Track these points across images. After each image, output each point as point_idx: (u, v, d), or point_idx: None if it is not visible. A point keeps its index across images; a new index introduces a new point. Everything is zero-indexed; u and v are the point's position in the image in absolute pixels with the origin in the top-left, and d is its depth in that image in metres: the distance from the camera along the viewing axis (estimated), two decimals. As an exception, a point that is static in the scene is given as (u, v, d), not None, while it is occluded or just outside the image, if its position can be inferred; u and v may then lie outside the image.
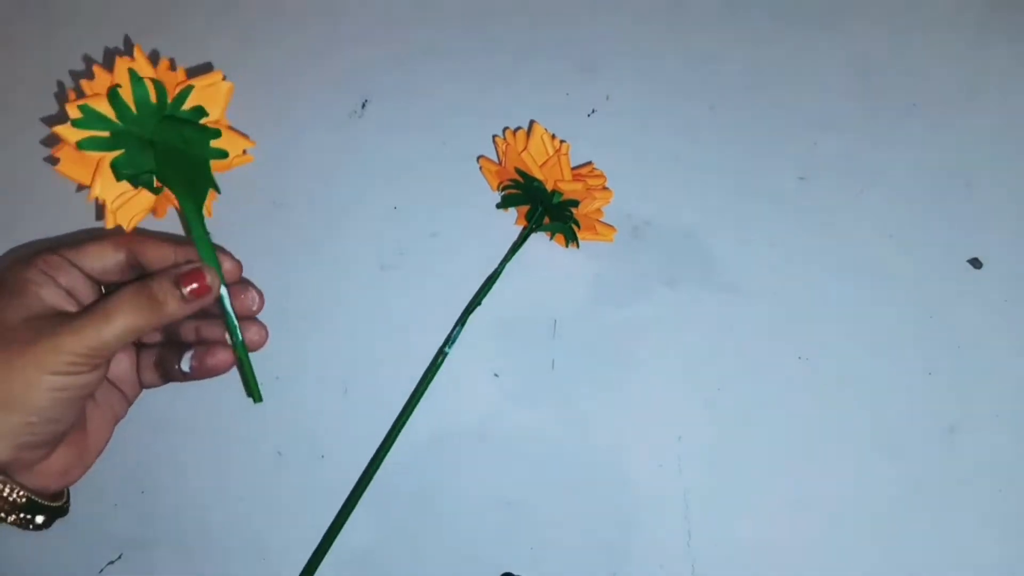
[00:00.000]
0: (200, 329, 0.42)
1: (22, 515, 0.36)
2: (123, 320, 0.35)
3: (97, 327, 0.35)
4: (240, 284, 0.42)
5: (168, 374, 0.41)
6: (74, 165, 0.39)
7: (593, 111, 0.50)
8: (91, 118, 0.38)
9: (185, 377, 0.41)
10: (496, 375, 0.46)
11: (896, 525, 0.44)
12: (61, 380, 0.34)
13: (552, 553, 0.44)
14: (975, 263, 0.47)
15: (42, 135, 0.51)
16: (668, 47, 0.52)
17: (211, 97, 0.41)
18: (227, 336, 0.41)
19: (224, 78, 0.41)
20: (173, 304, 0.37)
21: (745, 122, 0.50)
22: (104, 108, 0.38)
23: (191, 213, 0.40)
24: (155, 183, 0.40)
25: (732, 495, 0.44)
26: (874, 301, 0.47)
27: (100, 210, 0.40)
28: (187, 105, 0.40)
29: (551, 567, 0.44)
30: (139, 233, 0.40)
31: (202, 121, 0.41)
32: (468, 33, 0.52)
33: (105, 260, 0.39)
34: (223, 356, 0.41)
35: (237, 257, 0.42)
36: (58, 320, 0.35)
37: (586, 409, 0.46)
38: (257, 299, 0.42)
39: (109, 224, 0.39)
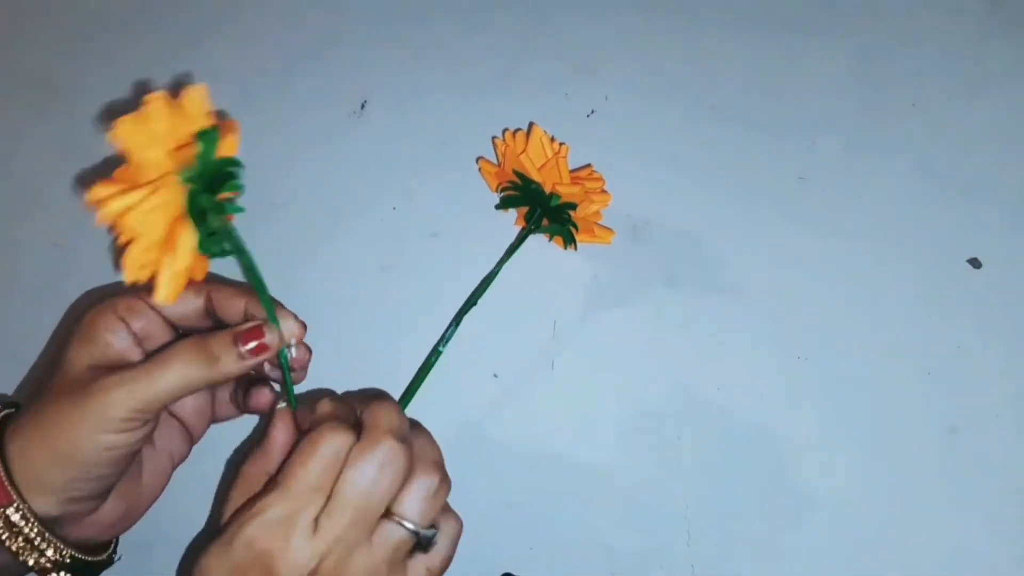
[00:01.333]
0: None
1: (64, 574, 0.36)
2: (176, 373, 0.34)
3: (149, 379, 0.34)
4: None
5: (241, 406, 0.40)
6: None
7: (592, 112, 0.50)
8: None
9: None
10: (496, 375, 0.46)
11: (896, 525, 0.44)
12: (112, 439, 0.34)
13: (552, 553, 0.44)
14: (974, 263, 0.47)
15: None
16: (667, 48, 0.52)
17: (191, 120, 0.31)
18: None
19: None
20: (229, 361, 0.35)
21: (744, 122, 0.50)
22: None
23: (252, 275, 0.35)
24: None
25: (732, 495, 0.44)
26: (873, 301, 0.47)
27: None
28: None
29: (551, 567, 0.44)
30: (218, 280, 0.38)
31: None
32: (467, 34, 0.52)
33: (185, 305, 0.37)
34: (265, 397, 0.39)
35: (306, 329, 0.39)
36: (117, 372, 0.34)
37: (586, 409, 0.46)
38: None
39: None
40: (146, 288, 0.33)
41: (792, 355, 0.46)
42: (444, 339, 0.45)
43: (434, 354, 0.44)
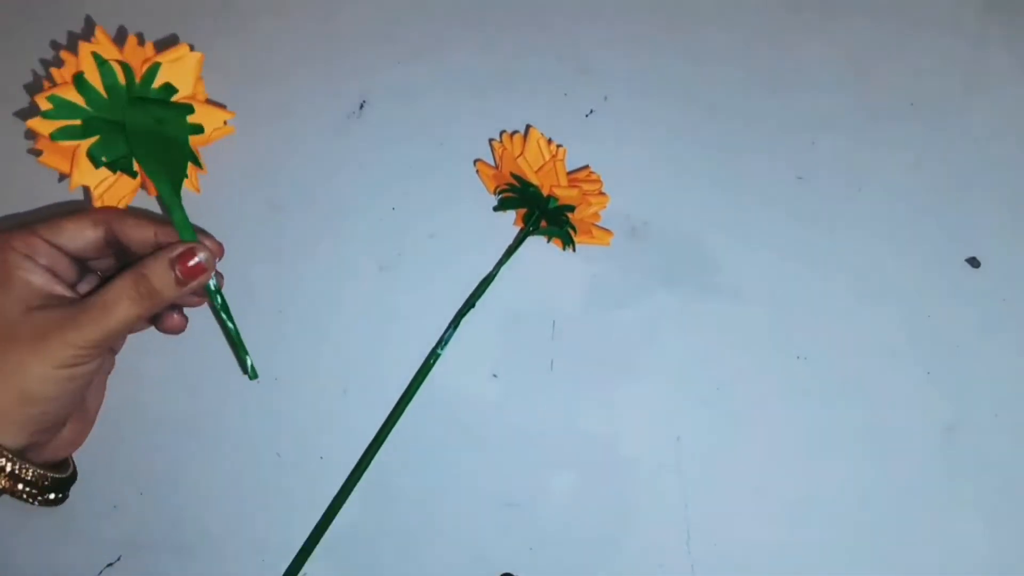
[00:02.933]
0: None
1: (44, 494, 0.38)
2: (124, 311, 0.36)
3: (99, 320, 0.36)
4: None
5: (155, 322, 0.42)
6: (56, 155, 0.39)
7: (591, 112, 0.50)
8: (61, 108, 0.37)
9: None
10: (495, 376, 0.46)
11: (894, 524, 0.44)
12: (70, 372, 0.36)
13: (552, 553, 0.44)
14: (973, 262, 0.47)
15: (19, 124, 0.51)
16: (666, 47, 0.52)
17: (180, 71, 0.39)
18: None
19: (192, 48, 0.40)
20: (170, 289, 0.37)
21: (743, 122, 0.50)
22: (73, 96, 0.37)
23: (168, 197, 0.39)
24: (135, 167, 0.39)
25: (731, 495, 0.44)
26: (872, 300, 0.47)
27: (89, 194, 0.40)
28: (156, 83, 0.39)
29: (551, 567, 0.44)
30: (118, 210, 0.40)
31: (175, 97, 0.40)
32: (466, 34, 0.52)
33: (85, 238, 0.38)
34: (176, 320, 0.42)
35: (224, 248, 0.42)
36: (60, 313, 0.36)
37: (585, 410, 0.46)
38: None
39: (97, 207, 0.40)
40: (37, 222, 0.38)
41: (792, 355, 0.46)
42: (443, 342, 0.45)
43: (432, 357, 0.45)
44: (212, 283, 0.40)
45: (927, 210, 0.48)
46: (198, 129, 0.40)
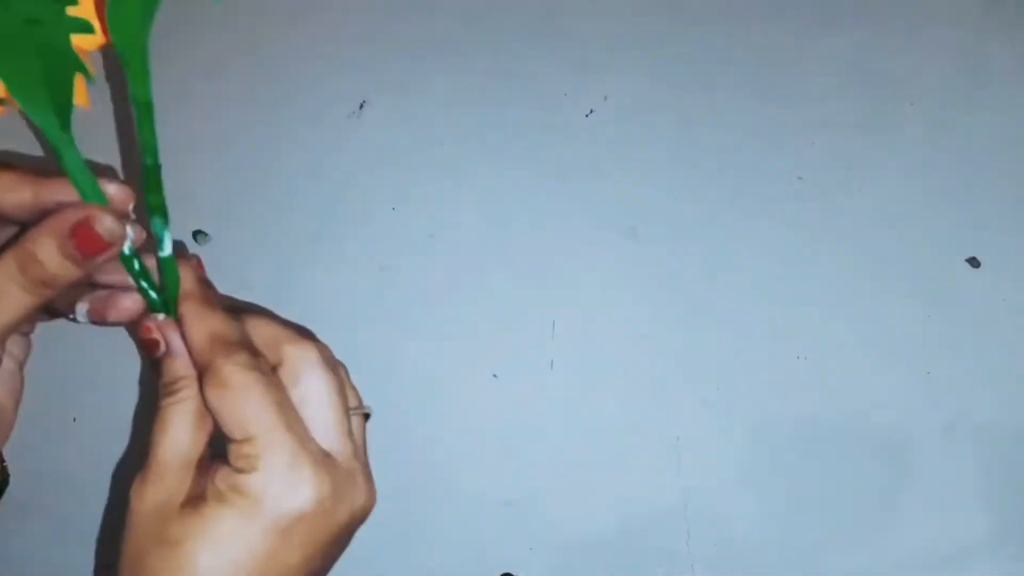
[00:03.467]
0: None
1: None
2: (14, 303, 0.27)
3: None
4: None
5: (60, 315, 0.32)
6: None
7: (591, 111, 0.50)
8: None
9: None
10: (495, 375, 0.46)
11: (893, 524, 0.44)
12: None
13: (552, 553, 0.44)
14: (973, 262, 0.47)
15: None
16: (666, 47, 0.52)
17: None
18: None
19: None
20: (63, 270, 0.27)
21: (743, 122, 0.50)
22: None
23: (53, 133, 0.28)
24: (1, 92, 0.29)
25: (731, 495, 0.44)
26: (872, 300, 0.47)
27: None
28: None
29: (551, 567, 0.44)
30: (55, 174, 0.29)
31: None
32: (466, 33, 0.52)
33: (19, 195, 0.28)
34: (127, 304, 0.31)
35: (133, 195, 0.30)
36: None
37: (585, 409, 0.46)
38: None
39: None
40: None
41: (792, 355, 0.46)
42: (161, 243, 0.30)
43: (163, 262, 0.31)
44: (127, 248, 0.29)
45: (927, 210, 0.48)
46: (87, 27, 0.29)
